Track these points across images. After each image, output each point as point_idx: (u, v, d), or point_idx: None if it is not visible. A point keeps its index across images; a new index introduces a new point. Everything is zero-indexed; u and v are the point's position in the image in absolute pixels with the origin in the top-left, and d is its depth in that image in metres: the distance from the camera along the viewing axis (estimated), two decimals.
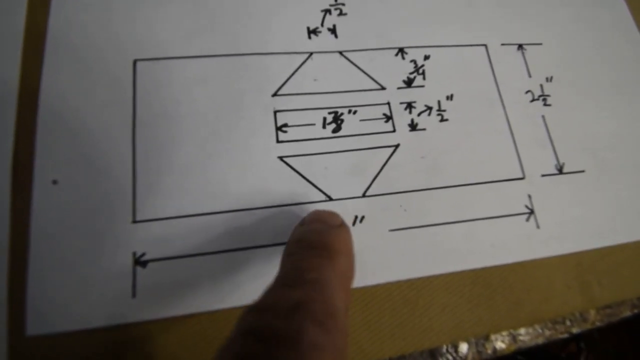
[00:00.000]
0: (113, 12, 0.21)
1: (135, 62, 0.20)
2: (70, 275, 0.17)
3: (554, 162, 0.22)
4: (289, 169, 0.20)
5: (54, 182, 0.18)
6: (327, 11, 0.23)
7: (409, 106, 0.22)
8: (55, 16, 0.21)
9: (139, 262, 0.18)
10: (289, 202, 0.19)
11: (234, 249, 0.18)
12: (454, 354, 0.19)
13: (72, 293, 0.17)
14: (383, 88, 0.22)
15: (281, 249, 0.19)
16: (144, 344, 0.17)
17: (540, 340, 0.21)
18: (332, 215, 0.17)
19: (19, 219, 0.18)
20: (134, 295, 0.17)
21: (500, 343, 0.20)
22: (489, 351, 0.20)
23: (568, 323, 0.21)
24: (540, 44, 0.25)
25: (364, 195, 0.20)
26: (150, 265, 0.18)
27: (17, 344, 0.16)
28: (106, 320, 0.17)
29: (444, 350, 0.19)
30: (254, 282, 0.18)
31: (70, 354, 0.16)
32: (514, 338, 0.20)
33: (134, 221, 0.18)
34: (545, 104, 0.24)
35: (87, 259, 0.17)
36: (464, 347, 0.20)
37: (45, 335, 0.16)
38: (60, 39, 0.20)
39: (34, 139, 0.19)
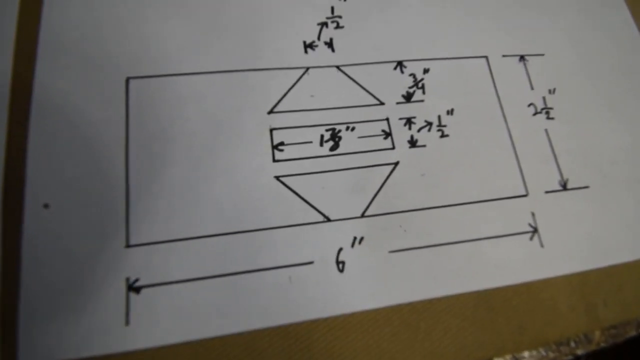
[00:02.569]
0: (104, 29, 0.21)
1: (127, 79, 0.20)
2: (63, 302, 0.17)
3: (558, 177, 0.22)
4: (286, 189, 0.19)
5: (46, 205, 0.18)
6: (323, 24, 0.23)
7: (409, 122, 0.21)
8: (45, 34, 0.20)
9: (133, 287, 0.17)
10: (286, 223, 0.19)
11: (230, 273, 0.18)
12: None
13: (64, 321, 0.16)
14: (382, 103, 0.22)
15: (279, 272, 0.18)
16: None
17: None
18: None
19: (10, 244, 0.17)
20: (127, 322, 0.17)
21: None
22: None
23: (572, 344, 0.21)
24: (543, 54, 0.25)
25: (362, 216, 0.19)
26: (144, 291, 0.17)
27: None
28: (100, 349, 0.16)
29: None
30: (251, 308, 0.17)
31: None
32: None
33: (128, 245, 0.18)
34: (548, 117, 0.23)
35: (79, 285, 0.17)
36: None
37: None
38: (51, 57, 0.20)
39: (25, 161, 0.18)
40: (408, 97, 0.22)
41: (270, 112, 0.21)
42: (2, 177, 0.18)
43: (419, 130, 0.21)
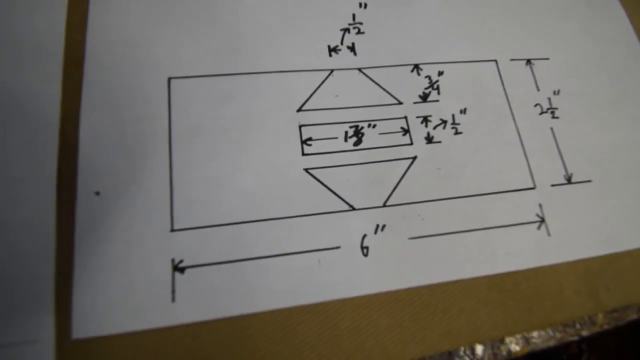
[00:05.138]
0: (147, 32, 0.22)
1: (169, 79, 0.22)
2: (113, 281, 0.18)
3: (563, 172, 0.24)
4: (314, 180, 0.21)
5: (97, 193, 0.19)
6: (346, 30, 0.25)
7: (425, 120, 0.23)
8: (92, 36, 0.22)
9: (177, 268, 0.19)
10: (315, 211, 0.20)
11: (264, 256, 0.19)
12: (471, 356, 0.20)
13: (115, 298, 0.18)
14: (400, 103, 0.23)
15: (309, 255, 0.20)
16: (183, 346, 0.18)
17: (551, 343, 0.22)
18: None
19: (64, 228, 0.19)
20: (173, 299, 0.18)
21: (514, 345, 0.21)
22: (504, 353, 0.21)
23: (578, 326, 0.22)
24: (548, 58, 0.26)
25: (384, 205, 0.21)
26: (187, 271, 0.19)
27: (63, 347, 0.17)
28: (148, 324, 0.18)
29: (462, 352, 0.20)
30: (284, 288, 0.19)
31: (113, 355, 0.17)
32: (527, 341, 0.21)
33: (172, 230, 0.19)
34: (553, 117, 0.25)
35: (128, 265, 0.19)
36: (480, 349, 0.21)
37: (90, 338, 0.18)
38: (99, 58, 0.22)
39: (77, 152, 0.20)
40: (424, 97, 0.24)
41: (299, 110, 0.22)
42: (56, 167, 0.20)
43: (434, 128, 0.23)
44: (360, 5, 0.25)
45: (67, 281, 0.18)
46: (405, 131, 0.23)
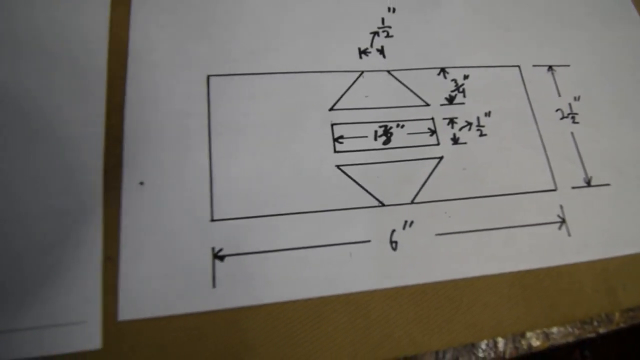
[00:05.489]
0: (187, 31, 0.23)
1: (208, 77, 0.23)
2: (157, 266, 0.19)
3: (583, 175, 0.24)
4: (346, 176, 0.22)
5: (141, 183, 0.20)
6: (375, 33, 0.25)
7: (451, 122, 0.24)
8: (134, 34, 0.23)
9: (217, 256, 0.20)
10: (346, 206, 0.21)
11: (299, 247, 0.20)
12: (494, 349, 0.21)
13: (159, 283, 0.19)
14: (427, 104, 0.24)
15: (341, 248, 0.21)
16: (222, 330, 0.19)
17: (570, 339, 0.23)
18: None
19: (111, 216, 0.20)
20: (214, 285, 0.19)
21: (534, 340, 0.22)
22: (525, 347, 0.22)
23: (595, 323, 0.23)
24: (568, 65, 0.27)
25: (412, 202, 0.22)
26: (227, 259, 0.20)
27: (110, 327, 0.18)
28: (190, 308, 0.19)
29: (484, 345, 0.21)
30: (317, 278, 0.20)
31: (157, 337, 0.18)
32: (547, 336, 0.22)
33: (212, 220, 0.20)
34: (574, 122, 0.26)
35: (171, 252, 0.19)
36: (501, 343, 0.22)
37: (135, 320, 0.18)
38: (141, 54, 0.23)
39: (122, 145, 0.21)
40: (450, 100, 0.25)
41: (331, 109, 0.23)
42: (102, 158, 0.21)
43: (460, 129, 0.24)
44: (389, 9, 0.26)
45: (114, 266, 0.19)
46: (432, 132, 0.24)
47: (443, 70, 0.25)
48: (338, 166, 0.22)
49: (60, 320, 0.18)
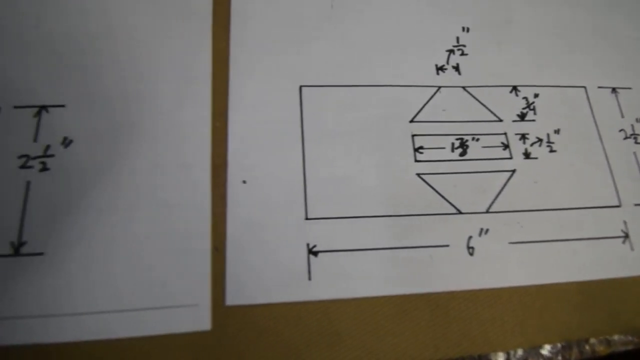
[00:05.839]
0: (282, 44, 0.26)
1: (300, 87, 0.25)
2: (259, 258, 0.21)
3: None
4: (425, 184, 0.24)
5: (244, 182, 0.22)
6: (451, 51, 0.27)
7: (523, 137, 0.26)
8: (234, 46, 0.25)
9: (312, 251, 0.22)
10: (427, 212, 0.23)
11: (383, 248, 0.22)
12: (561, 352, 0.23)
13: (261, 273, 0.21)
14: (500, 120, 0.26)
15: (423, 250, 0.22)
16: (316, 320, 0.21)
17: (630, 347, 0.24)
18: None
19: (218, 210, 0.22)
20: (309, 278, 0.21)
21: (598, 346, 0.23)
22: (589, 352, 0.23)
23: None
24: (631, 88, 0.28)
25: (487, 211, 0.24)
26: (320, 255, 0.22)
27: (218, 311, 0.20)
28: (289, 297, 0.21)
29: (551, 347, 0.23)
30: (401, 276, 0.22)
31: (259, 322, 0.20)
32: (609, 343, 0.23)
33: (307, 218, 0.22)
34: (636, 142, 0.27)
35: (271, 246, 0.21)
36: (567, 347, 0.23)
37: (240, 306, 0.20)
38: (241, 65, 0.25)
39: (227, 146, 0.23)
40: (522, 117, 0.26)
41: (412, 121, 0.25)
42: (210, 158, 0.23)
43: (531, 145, 0.25)
44: (463, 29, 0.28)
45: (221, 256, 0.21)
46: (505, 146, 0.25)
47: (515, 88, 0.27)
48: (418, 174, 0.24)
49: (177, 303, 0.20)
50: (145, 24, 0.25)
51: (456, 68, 0.27)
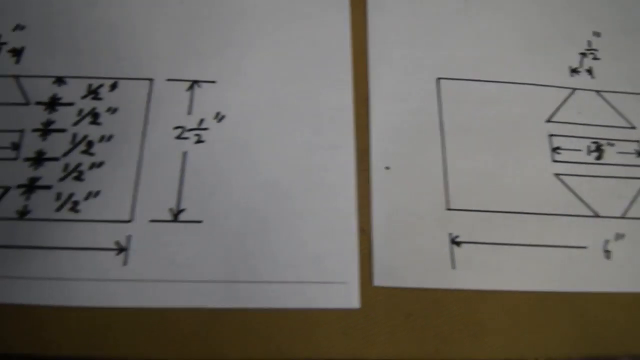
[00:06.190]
0: (418, 36, 0.26)
1: (438, 79, 0.25)
2: (403, 243, 0.22)
3: None
4: (562, 185, 0.24)
5: (387, 167, 0.23)
6: (583, 55, 0.27)
7: None
8: (372, 36, 0.26)
9: (454, 241, 0.22)
10: (563, 212, 0.23)
11: (520, 244, 0.22)
12: None
13: (406, 257, 0.22)
14: (633, 127, 0.26)
15: (561, 250, 0.22)
16: (459, 308, 0.21)
17: None
18: None
19: (363, 193, 0.23)
20: (453, 267, 0.21)
21: None
22: None
23: None
24: None
25: (623, 217, 0.24)
26: (463, 245, 0.22)
27: (366, 290, 0.21)
28: (434, 284, 0.21)
29: None
30: (539, 273, 0.22)
31: (406, 304, 0.21)
32: None
33: (448, 208, 0.23)
34: None
35: (415, 232, 0.22)
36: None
37: (387, 287, 0.21)
38: (379, 55, 0.25)
39: (369, 132, 0.24)
40: None
41: (548, 121, 0.25)
42: (354, 143, 0.23)
43: None
44: (594, 33, 0.28)
45: (367, 237, 0.22)
46: (639, 154, 0.25)
47: None
48: (556, 175, 0.24)
49: (331, 279, 0.21)
50: (287, 7, 0.26)
51: (589, 71, 0.27)
